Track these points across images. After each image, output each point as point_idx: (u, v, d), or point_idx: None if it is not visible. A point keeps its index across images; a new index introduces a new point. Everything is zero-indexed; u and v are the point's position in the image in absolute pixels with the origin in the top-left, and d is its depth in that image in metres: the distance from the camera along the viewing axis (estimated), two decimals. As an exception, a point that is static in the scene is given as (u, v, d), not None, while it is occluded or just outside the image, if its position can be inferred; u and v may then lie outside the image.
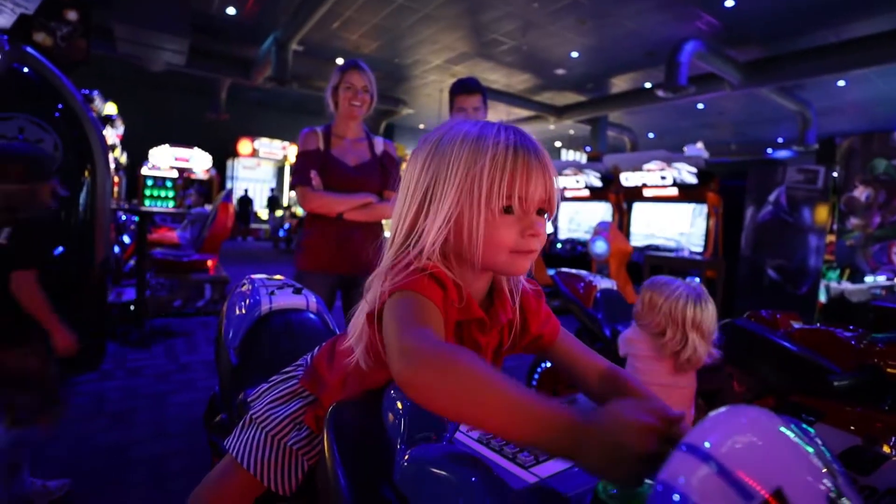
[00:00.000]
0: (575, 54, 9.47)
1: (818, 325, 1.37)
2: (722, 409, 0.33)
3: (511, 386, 0.44)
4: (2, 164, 1.62)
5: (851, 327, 1.42)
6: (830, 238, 4.59)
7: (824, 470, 0.31)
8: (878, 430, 1.09)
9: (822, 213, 4.54)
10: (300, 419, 0.73)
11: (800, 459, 0.30)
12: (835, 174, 4.45)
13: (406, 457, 0.46)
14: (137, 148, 10.88)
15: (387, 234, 0.70)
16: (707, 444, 0.29)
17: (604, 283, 2.00)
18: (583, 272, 2.15)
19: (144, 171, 12.31)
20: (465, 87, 2.16)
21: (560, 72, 10.56)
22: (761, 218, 5.16)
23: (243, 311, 1.08)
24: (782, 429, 0.32)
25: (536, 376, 2.12)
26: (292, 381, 0.78)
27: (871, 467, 1.10)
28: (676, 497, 0.26)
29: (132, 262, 4.98)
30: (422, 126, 16.18)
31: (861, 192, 4.33)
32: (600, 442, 0.39)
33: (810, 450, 0.32)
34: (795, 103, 10.73)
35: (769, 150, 15.01)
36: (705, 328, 1.27)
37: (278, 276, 1.26)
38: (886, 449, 1.08)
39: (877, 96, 10.55)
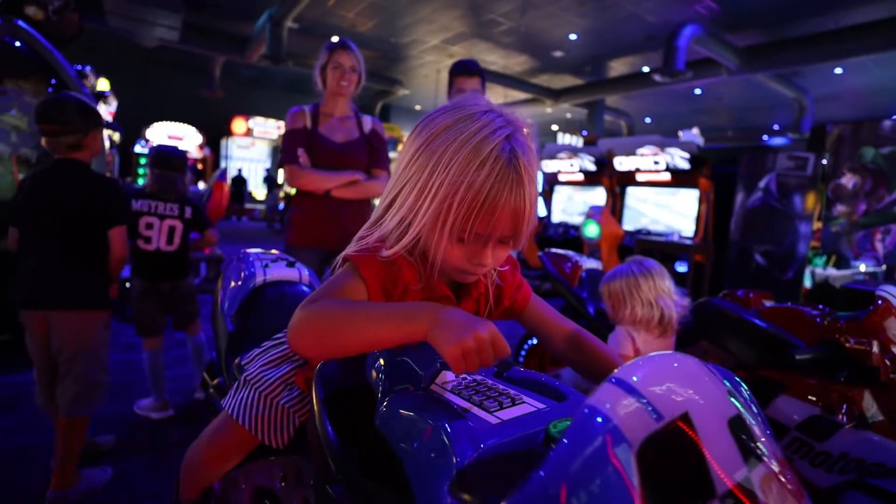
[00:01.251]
0: (573, 36, 9.39)
1: (788, 304, 1.44)
2: (651, 354, 0.38)
3: (369, 304, 0.57)
4: (172, 158, 2.33)
5: (821, 307, 1.49)
6: (818, 225, 4.67)
7: (732, 401, 0.36)
8: (834, 401, 1.17)
9: (810, 200, 4.60)
10: (291, 380, 0.79)
11: (708, 392, 0.35)
12: (824, 162, 4.51)
13: (385, 403, 0.52)
14: (131, 125, 10.74)
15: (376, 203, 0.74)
16: (633, 378, 0.35)
17: (589, 263, 2.06)
18: (570, 252, 2.20)
19: (138, 149, 12.20)
20: (465, 69, 2.18)
21: (558, 54, 10.47)
22: (751, 204, 5.23)
23: (239, 283, 1.13)
24: (698, 368, 0.37)
25: (523, 353, 2.19)
26: (283, 346, 0.83)
27: (827, 434, 1.17)
28: (599, 419, 0.32)
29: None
30: (418, 107, 16.04)
31: (848, 180, 4.40)
32: (435, 335, 0.49)
33: (725, 384, 0.38)
34: (792, 90, 10.73)
35: (765, 137, 15.04)
36: (662, 286, 1.46)
37: (273, 251, 1.30)
38: (841, 417, 1.15)
39: (873, 84, 10.56)
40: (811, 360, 1.19)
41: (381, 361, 0.59)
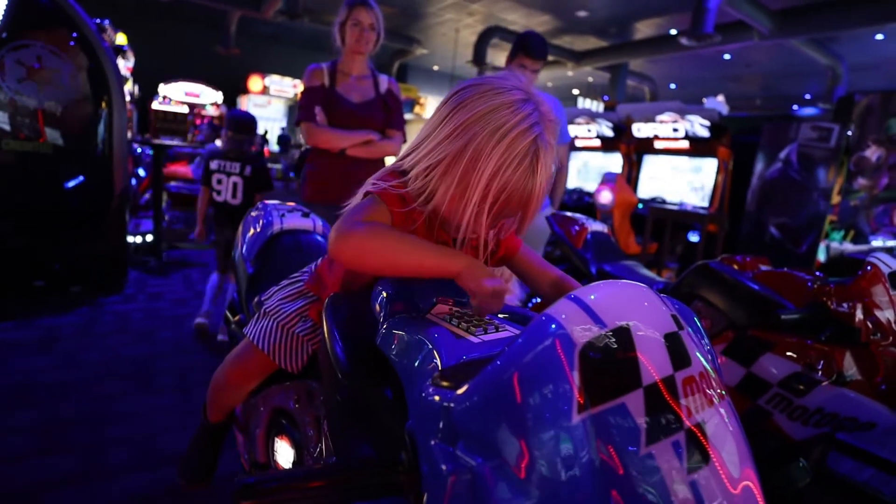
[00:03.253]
0: (598, -5, 9.04)
1: (784, 269, 1.49)
2: (610, 281, 0.45)
3: (415, 238, 0.65)
4: (242, 122, 2.82)
5: (818, 273, 1.54)
6: (836, 198, 4.60)
7: (673, 323, 0.43)
8: (814, 359, 1.23)
9: (831, 173, 4.52)
10: (305, 313, 0.88)
11: (651, 313, 0.42)
12: (850, 133, 4.39)
13: (384, 325, 0.60)
14: (147, 81, 10.79)
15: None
16: (590, 297, 0.42)
17: (595, 226, 2.11)
18: (577, 215, 2.25)
19: (155, 105, 12.27)
20: (535, 51, 2.16)
21: (582, 14, 10.11)
22: (769, 175, 5.14)
23: (258, 230, 1.22)
24: (649, 295, 0.44)
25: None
26: (299, 284, 0.92)
27: (806, 390, 1.24)
28: (553, 325, 0.39)
29: (147, 196, 5.14)
30: (436, 67, 15.72)
31: (872, 153, 4.29)
32: (471, 274, 0.60)
33: (671, 310, 0.45)
34: (827, 57, 10.25)
35: (795, 107, 14.50)
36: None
37: (290, 202, 1.39)
38: (820, 374, 1.22)
39: (915, 53, 10.04)
40: (797, 320, 1.24)
41: (384, 294, 0.67)
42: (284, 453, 0.91)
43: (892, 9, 7.39)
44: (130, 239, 4.17)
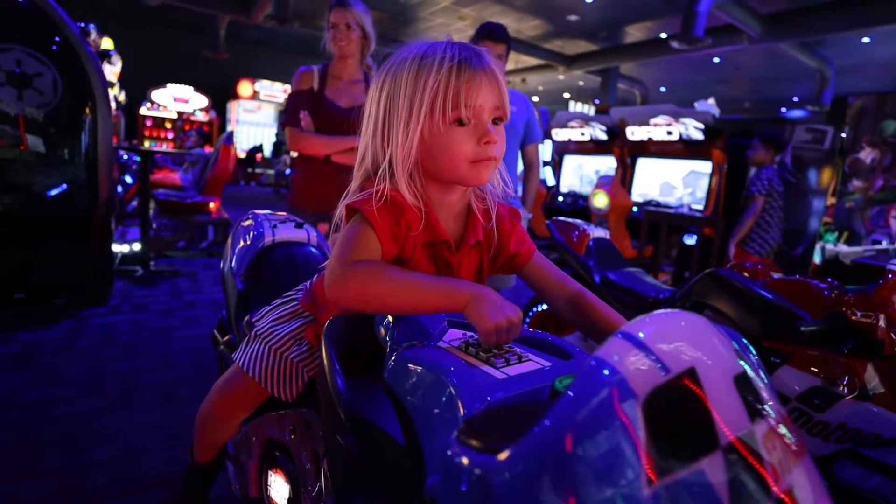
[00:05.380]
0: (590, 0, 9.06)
1: (796, 276, 1.43)
2: (657, 311, 0.38)
3: (415, 275, 0.60)
4: None
5: (830, 279, 1.48)
6: (831, 200, 4.59)
7: (739, 360, 0.37)
8: (835, 372, 1.18)
9: (825, 175, 4.51)
10: (301, 335, 0.81)
11: (715, 350, 0.35)
12: (843, 135, 4.39)
13: (393, 358, 0.53)
14: (135, 87, 10.65)
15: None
16: (641, 334, 0.35)
17: (597, 232, 2.05)
18: (578, 221, 2.19)
19: (143, 111, 12.11)
20: (491, 34, 2.11)
21: (573, 18, 10.13)
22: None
23: (248, 243, 1.14)
24: (706, 327, 0.37)
25: (528, 319, 2.21)
26: (293, 303, 0.85)
27: (827, 405, 1.19)
28: (606, 371, 0.32)
29: (135, 203, 5.02)
30: (427, 72, 15.67)
31: (867, 154, 4.29)
32: (474, 309, 0.55)
33: (733, 344, 0.38)
34: (815, 60, 10.35)
35: (783, 110, 14.62)
36: None
37: (281, 213, 1.31)
38: (842, 389, 1.16)
39: (900, 55, 10.17)
40: (816, 331, 1.19)
41: (390, 318, 0.60)
42: (279, 489, 0.83)
43: (877, 12, 7.47)
44: (116, 248, 4.06)
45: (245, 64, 13.96)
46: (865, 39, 9.56)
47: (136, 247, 4.21)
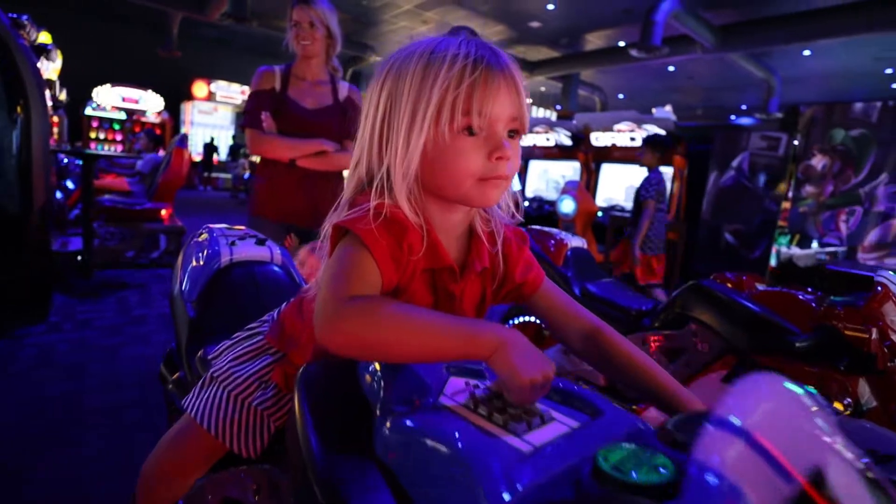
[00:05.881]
0: (551, 6, 9.17)
1: (781, 287, 1.41)
2: (742, 381, 0.30)
3: (425, 314, 0.48)
4: None
5: (810, 290, 1.47)
6: (786, 205, 4.77)
7: (851, 444, 0.28)
8: (829, 388, 1.15)
9: (780, 181, 4.69)
10: (266, 377, 0.69)
11: (832, 434, 0.27)
12: (796, 143, 4.57)
13: (387, 425, 0.42)
14: (79, 85, 10.00)
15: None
16: (742, 420, 0.26)
17: (574, 242, 2.00)
18: (553, 230, 2.13)
19: (89, 111, 11.40)
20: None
21: (535, 24, 10.25)
22: (723, 183, 5.30)
23: (201, 263, 1.00)
24: (807, 400, 0.29)
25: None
26: (257, 338, 0.72)
27: (821, 422, 1.15)
28: (712, 479, 0.23)
29: (78, 210, 4.65)
30: (390, 76, 15.53)
31: (818, 161, 4.48)
32: (506, 360, 0.45)
33: (834, 420, 0.30)
34: (762, 70, 10.87)
35: (732, 117, 15.32)
36: None
37: (239, 227, 1.17)
38: (838, 406, 1.13)
39: (837, 68, 10.83)
40: (810, 346, 1.15)
41: (377, 365, 0.49)
42: (240, 557, 0.71)
43: (816, 27, 7.92)
44: (56, 259, 3.73)
45: (200, 63, 13.40)
46: (806, 52, 10.11)
47: (79, 258, 3.89)
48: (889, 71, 10.84)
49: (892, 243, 4.26)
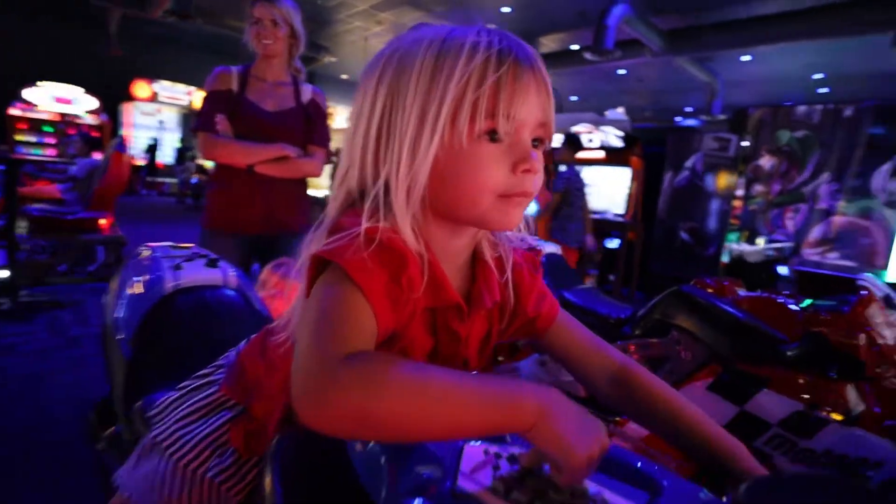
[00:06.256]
0: (506, 9, 9.23)
1: (760, 292, 1.39)
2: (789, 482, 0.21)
3: (447, 376, 0.37)
4: None
5: (786, 292, 1.46)
6: (737, 203, 4.95)
7: None
8: (819, 396, 1.12)
9: (731, 180, 4.86)
10: (223, 440, 0.56)
11: None
12: (746, 144, 4.75)
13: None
14: (6, 84, 9.21)
15: (316, 192, 0.53)
16: None
17: (549, 248, 1.94)
18: (526, 235, 2.07)
19: (14, 111, 10.50)
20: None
21: (490, 27, 10.28)
22: (678, 183, 5.46)
23: (139, 290, 0.85)
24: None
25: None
26: (211, 389, 0.59)
27: (813, 431, 1.13)
28: None
29: (2, 221, 4.22)
30: (345, 76, 15.23)
31: (766, 162, 4.67)
32: (554, 432, 0.36)
33: None
34: (706, 74, 11.38)
35: (678, 118, 16.00)
36: None
37: (186, 245, 1.02)
38: (827, 414, 1.11)
39: (773, 73, 11.49)
40: (800, 354, 1.13)
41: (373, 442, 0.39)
42: None
43: (756, 34, 8.36)
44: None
45: (143, 62, 12.65)
46: (746, 58, 10.66)
47: (3, 273, 3.51)
48: (817, 76, 11.59)
49: (834, 239, 4.49)
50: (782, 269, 4.63)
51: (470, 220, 0.49)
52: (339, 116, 14.41)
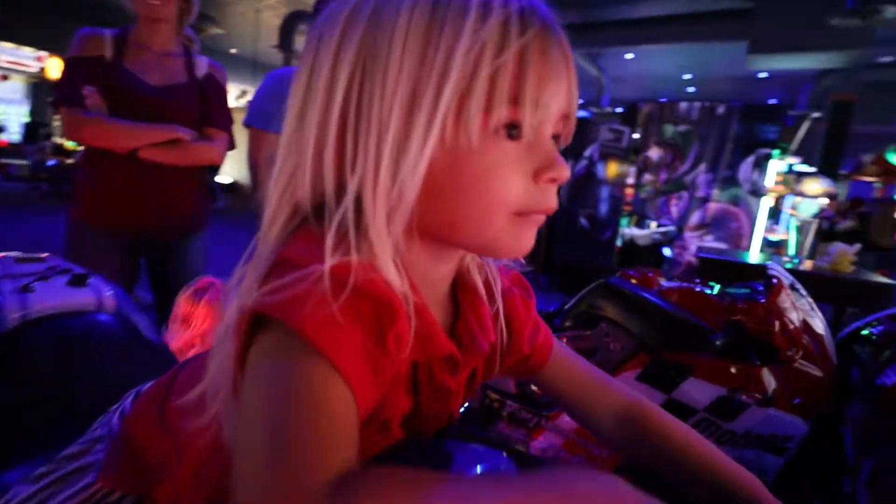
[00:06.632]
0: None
1: (681, 282, 1.45)
2: None
3: (487, 490, 0.24)
4: None
5: (698, 280, 1.55)
6: (629, 191, 5.35)
7: None
8: (740, 381, 1.19)
9: (623, 169, 5.23)
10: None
11: None
12: (636, 136, 5.13)
13: None
14: None
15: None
16: None
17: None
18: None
19: None
20: None
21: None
22: (577, 171, 5.76)
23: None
24: None
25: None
26: (84, 481, 0.42)
27: (735, 414, 1.19)
28: None
29: None
30: (234, 50, 13.97)
31: (654, 153, 5.08)
32: None
33: None
34: (595, 69, 12.20)
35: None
36: None
37: (38, 256, 0.77)
38: (747, 397, 1.18)
39: (651, 71, 12.65)
40: (724, 343, 1.18)
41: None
42: None
43: (639, 34, 9.11)
44: None
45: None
46: (630, 55, 11.58)
47: None
48: (686, 76, 12.98)
49: (710, 224, 5.04)
50: (667, 251, 5.11)
51: (473, 244, 0.37)
52: (230, 96, 13.26)
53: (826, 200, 3.70)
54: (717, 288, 1.40)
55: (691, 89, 14.01)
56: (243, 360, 0.29)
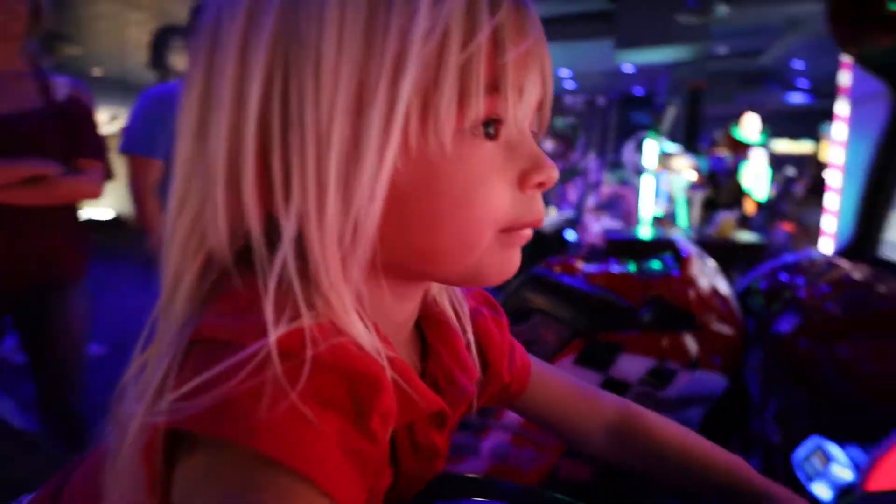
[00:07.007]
0: None
1: (599, 265, 1.53)
2: None
3: None
4: None
5: (612, 258, 1.65)
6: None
7: None
8: (669, 351, 1.28)
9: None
10: None
11: None
12: (532, 130, 5.42)
13: None
14: None
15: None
16: None
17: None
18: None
19: None
20: None
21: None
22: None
23: None
24: None
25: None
26: None
27: (666, 382, 1.28)
28: None
29: None
30: (99, 72, 12.55)
31: (548, 145, 5.39)
32: None
33: None
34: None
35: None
36: None
37: None
38: (675, 364, 1.27)
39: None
40: (649, 319, 1.26)
41: None
42: None
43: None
44: None
45: None
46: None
47: None
48: (564, 73, 14.08)
49: (605, 205, 5.44)
50: (569, 235, 5.45)
51: (452, 275, 0.30)
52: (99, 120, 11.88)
53: (695, 174, 4.20)
54: (632, 265, 1.50)
55: (571, 86, 15.22)
56: (164, 485, 0.22)
